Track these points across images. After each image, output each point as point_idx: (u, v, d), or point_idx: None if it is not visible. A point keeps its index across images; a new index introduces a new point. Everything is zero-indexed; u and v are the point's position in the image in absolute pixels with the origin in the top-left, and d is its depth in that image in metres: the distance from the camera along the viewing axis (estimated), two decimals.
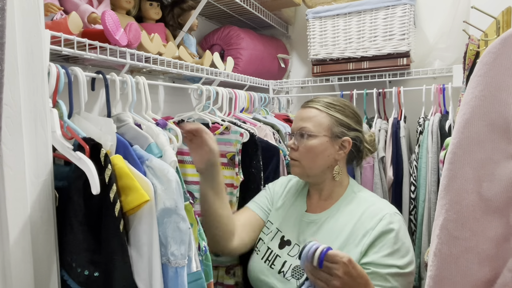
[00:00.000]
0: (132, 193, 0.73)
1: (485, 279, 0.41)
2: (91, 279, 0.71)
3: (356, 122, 1.09)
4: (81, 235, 0.72)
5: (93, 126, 0.84)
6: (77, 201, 0.72)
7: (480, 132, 0.42)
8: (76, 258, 0.71)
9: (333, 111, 1.06)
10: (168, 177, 0.78)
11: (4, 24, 0.58)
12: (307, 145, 1.04)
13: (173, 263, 0.77)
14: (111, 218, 0.71)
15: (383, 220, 0.96)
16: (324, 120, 1.04)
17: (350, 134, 1.06)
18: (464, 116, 0.43)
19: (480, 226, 0.42)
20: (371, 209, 1.00)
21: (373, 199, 1.05)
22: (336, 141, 1.04)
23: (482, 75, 0.42)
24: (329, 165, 1.06)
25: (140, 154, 0.83)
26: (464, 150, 0.43)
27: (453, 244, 0.43)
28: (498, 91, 0.41)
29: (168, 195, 0.77)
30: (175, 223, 0.77)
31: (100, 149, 0.73)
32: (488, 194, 0.41)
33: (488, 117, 0.41)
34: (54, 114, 0.76)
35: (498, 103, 0.41)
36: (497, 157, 0.41)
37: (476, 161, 0.42)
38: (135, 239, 0.76)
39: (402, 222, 0.98)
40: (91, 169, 0.69)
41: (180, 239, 0.78)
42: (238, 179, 1.30)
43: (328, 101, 1.07)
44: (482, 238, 0.41)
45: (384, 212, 0.97)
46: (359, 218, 0.99)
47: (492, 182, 0.41)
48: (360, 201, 1.04)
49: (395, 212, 0.99)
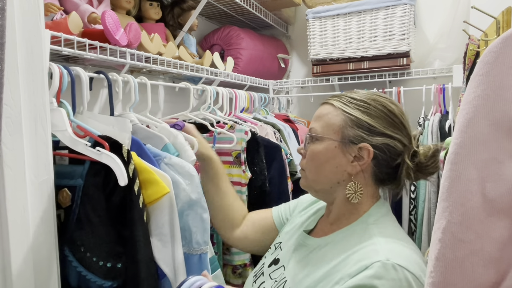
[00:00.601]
0: (152, 186, 0.77)
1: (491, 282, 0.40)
2: (115, 270, 0.74)
3: (388, 124, 0.78)
4: (102, 229, 0.75)
5: (103, 125, 0.86)
6: (97, 197, 0.75)
7: (484, 132, 0.41)
8: (97, 252, 0.73)
9: (350, 107, 0.79)
10: (190, 173, 0.84)
11: (4, 24, 0.58)
12: (310, 151, 0.82)
13: (198, 250, 0.83)
14: (136, 210, 0.74)
15: (368, 270, 0.65)
16: (336, 119, 0.79)
17: (373, 140, 0.76)
18: (467, 115, 0.42)
19: (484, 228, 0.40)
20: (366, 249, 0.70)
21: (378, 238, 0.72)
22: (349, 148, 0.77)
23: (484, 74, 0.41)
24: (339, 180, 0.80)
25: (156, 152, 0.86)
26: (468, 150, 0.42)
27: (457, 248, 0.41)
28: (502, 89, 0.40)
29: (193, 189, 0.83)
30: (200, 214, 0.83)
31: (121, 146, 0.76)
32: (492, 195, 0.40)
33: (492, 116, 0.41)
34: (62, 113, 0.78)
35: (502, 101, 0.40)
36: (501, 157, 0.40)
37: (480, 161, 0.41)
38: (157, 229, 0.79)
39: (404, 282, 0.63)
40: (118, 162, 0.72)
41: (203, 228, 0.83)
42: (246, 176, 1.30)
43: (352, 96, 0.81)
44: (487, 240, 0.40)
45: (375, 259, 0.66)
46: (346, 257, 0.71)
47: (496, 182, 0.40)
48: (364, 235, 0.74)
49: (397, 264, 0.64)
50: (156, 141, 0.91)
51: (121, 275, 0.74)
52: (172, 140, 0.93)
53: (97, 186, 0.76)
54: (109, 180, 0.75)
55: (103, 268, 0.73)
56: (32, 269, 0.69)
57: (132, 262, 0.74)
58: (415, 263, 0.66)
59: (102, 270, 0.73)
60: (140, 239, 0.74)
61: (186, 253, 0.82)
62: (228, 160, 1.32)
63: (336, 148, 0.78)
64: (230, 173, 1.32)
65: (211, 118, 1.37)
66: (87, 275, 0.73)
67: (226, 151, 1.33)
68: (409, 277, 0.63)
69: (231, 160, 1.32)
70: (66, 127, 0.77)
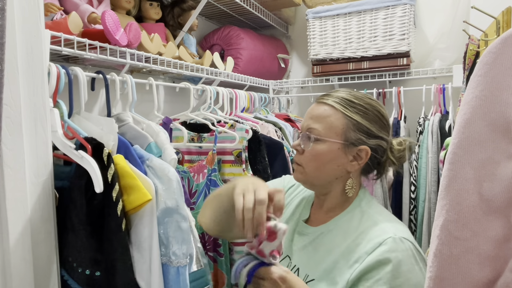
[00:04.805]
0: (134, 192, 0.74)
1: (486, 280, 0.41)
2: (93, 278, 0.71)
3: (381, 127, 0.88)
4: (82, 234, 0.72)
5: (94, 126, 0.84)
6: (79, 200, 0.73)
7: (481, 132, 0.42)
8: (77, 257, 0.71)
9: (351, 111, 0.86)
10: (169, 177, 0.79)
11: (4, 24, 0.58)
12: (313, 151, 0.86)
13: (175, 262, 0.77)
14: (114, 218, 0.72)
15: (383, 246, 0.76)
16: (338, 122, 0.86)
17: (370, 143, 0.86)
18: (465, 116, 0.43)
19: (481, 227, 0.41)
20: (374, 229, 0.81)
21: (379, 217, 0.85)
22: (350, 150, 0.86)
23: (482, 75, 0.42)
24: (338, 176, 0.88)
25: (141, 153, 0.83)
26: (465, 150, 0.42)
27: (453, 245, 0.42)
28: (499, 91, 0.40)
29: (169, 195, 0.78)
30: (177, 222, 0.78)
31: (102, 149, 0.74)
32: (488, 194, 0.41)
33: (489, 117, 0.41)
34: (55, 113, 0.77)
35: (499, 103, 0.41)
36: (497, 157, 0.41)
37: (477, 161, 0.42)
38: (137, 238, 0.76)
39: (410, 251, 0.77)
40: (94, 167, 0.70)
41: (181, 238, 0.78)
42: (246, 175, 1.30)
43: (348, 98, 0.87)
44: (482, 239, 0.41)
45: (386, 235, 0.78)
46: (355, 238, 0.81)
47: (492, 182, 0.41)
48: (363, 218, 0.85)
49: (402, 237, 0.78)
50: (142, 141, 0.89)
51: (100, 284, 0.71)
52: (154, 137, 0.90)
53: (79, 189, 0.73)
54: (91, 184, 0.72)
55: (82, 275, 0.71)
56: (32, 269, 0.69)
57: (108, 272, 0.71)
58: (408, 234, 0.82)
59: (81, 277, 0.71)
60: (116, 248, 0.71)
61: (164, 263, 0.77)
62: (229, 159, 1.33)
63: (338, 150, 0.86)
64: (231, 172, 1.32)
65: (212, 118, 1.37)
66: (68, 280, 0.71)
67: (228, 150, 1.33)
68: (411, 246, 0.78)
69: (232, 159, 1.32)
70: (57, 128, 0.75)
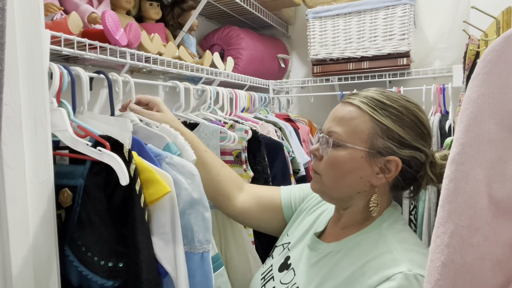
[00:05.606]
0: (153, 185, 0.77)
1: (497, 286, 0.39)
2: (116, 269, 0.74)
3: (418, 135, 0.73)
4: (103, 229, 0.75)
5: (104, 125, 0.86)
6: (98, 197, 0.76)
7: (491, 131, 0.40)
8: (98, 251, 0.73)
9: (381, 114, 0.72)
10: (192, 172, 0.84)
11: (4, 24, 0.58)
12: (331, 157, 0.75)
13: (200, 248, 0.83)
14: (138, 210, 0.74)
15: (390, 281, 0.63)
16: (364, 126, 0.72)
17: (402, 153, 0.72)
18: (471, 114, 0.41)
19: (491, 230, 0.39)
20: (385, 258, 0.68)
21: (397, 245, 0.69)
22: (376, 160, 0.72)
23: (487, 73, 0.40)
24: (360, 190, 0.75)
25: (157, 152, 0.86)
26: (475, 150, 0.40)
27: (467, 252, 0.39)
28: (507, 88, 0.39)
29: (194, 188, 0.83)
30: (201, 213, 0.83)
31: (122, 146, 0.76)
32: (499, 196, 0.39)
33: (498, 115, 0.40)
34: (63, 113, 0.78)
35: (508, 100, 0.39)
36: (507, 157, 0.39)
37: (487, 161, 0.40)
38: (159, 228, 0.79)
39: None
40: (120, 162, 0.72)
41: (205, 227, 0.83)
42: (248, 175, 1.30)
43: (378, 99, 0.74)
44: (494, 243, 0.39)
45: (397, 269, 0.64)
46: (363, 266, 0.69)
47: (503, 182, 0.39)
48: (379, 242, 0.71)
49: (418, 274, 0.63)
50: (158, 141, 0.91)
51: (123, 275, 0.75)
52: (172, 139, 0.93)
53: (98, 186, 0.76)
54: (110, 180, 0.76)
55: (104, 268, 0.73)
56: (32, 269, 0.69)
57: (134, 262, 0.74)
58: None
59: (104, 270, 0.73)
60: (141, 238, 0.75)
61: (188, 252, 0.82)
62: (229, 159, 1.33)
63: (362, 158, 0.72)
64: None
65: (212, 118, 1.37)
66: (88, 274, 0.73)
67: (227, 151, 1.33)
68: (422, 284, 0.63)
69: (231, 160, 1.32)
70: (67, 127, 0.77)
